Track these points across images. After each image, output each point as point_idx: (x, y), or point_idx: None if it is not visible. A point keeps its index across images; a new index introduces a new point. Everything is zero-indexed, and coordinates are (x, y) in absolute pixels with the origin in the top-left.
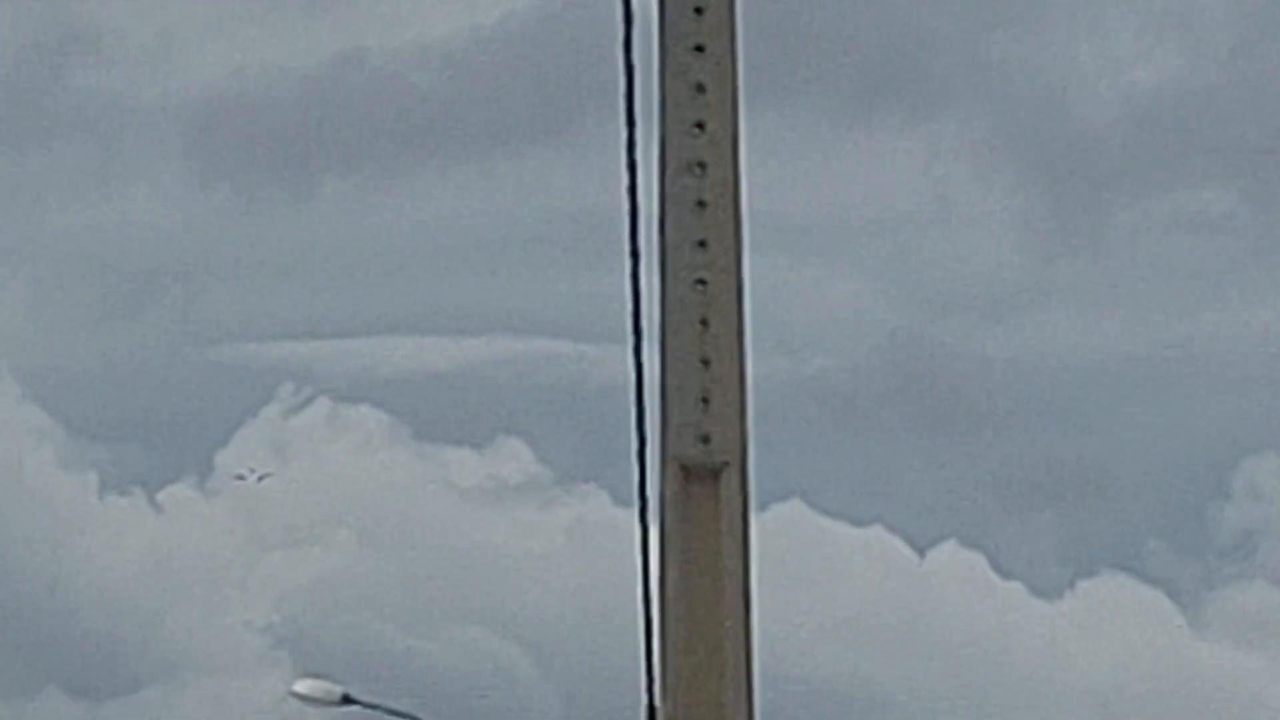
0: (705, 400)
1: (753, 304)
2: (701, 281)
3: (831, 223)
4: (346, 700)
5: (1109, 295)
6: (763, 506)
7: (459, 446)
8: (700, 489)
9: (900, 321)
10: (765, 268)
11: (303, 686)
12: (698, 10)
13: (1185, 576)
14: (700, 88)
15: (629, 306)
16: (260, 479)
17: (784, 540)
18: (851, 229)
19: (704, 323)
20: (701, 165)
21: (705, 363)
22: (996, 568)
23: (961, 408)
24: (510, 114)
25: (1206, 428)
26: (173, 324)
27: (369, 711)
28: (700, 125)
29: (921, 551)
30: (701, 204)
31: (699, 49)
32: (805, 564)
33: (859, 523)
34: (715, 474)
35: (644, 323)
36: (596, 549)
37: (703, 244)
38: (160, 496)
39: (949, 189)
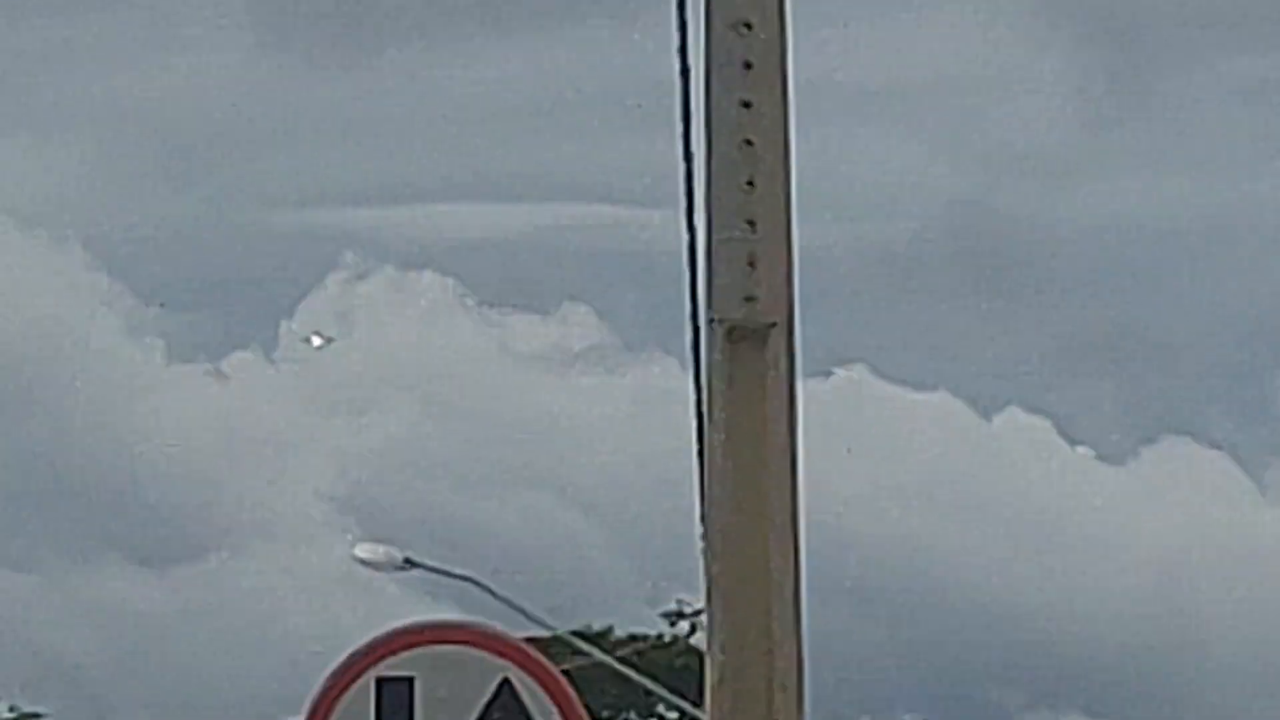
0: (751, 262)
1: (813, 171)
2: (748, 142)
3: (890, 88)
4: (408, 564)
5: (1170, 160)
6: (826, 373)
7: (524, 313)
8: (746, 350)
9: (961, 187)
10: (825, 134)
11: (364, 551)
12: None
13: (1250, 441)
14: None
15: (681, 169)
16: (321, 344)
17: (848, 406)
18: (910, 94)
19: (750, 184)
20: (747, 25)
21: (751, 224)
22: (1062, 433)
23: (1024, 273)
24: None
25: (1269, 292)
26: (237, 190)
27: (430, 575)
28: None
29: (986, 416)
30: (748, 65)
31: None
32: (870, 429)
33: (923, 388)
34: (761, 335)
35: (696, 185)
36: (662, 415)
37: (748, 105)
38: (225, 364)
39: (1006, 53)
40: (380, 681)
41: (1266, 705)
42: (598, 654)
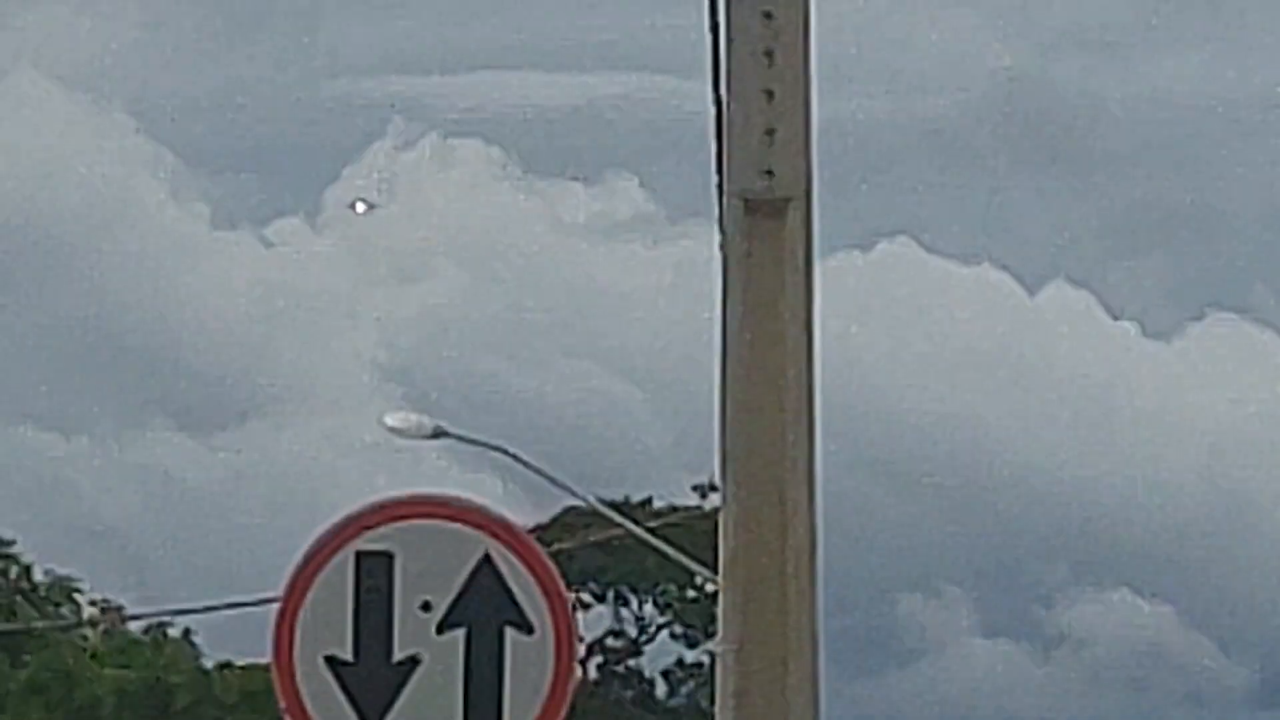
0: (769, 134)
1: (862, 44)
2: (767, 14)
3: None
4: (439, 434)
5: (1222, 37)
6: (870, 245)
7: (569, 182)
8: (763, 224)
9: (1011, 61)
10: (874, 6)
11: (394, 419)
12: None
13: None
14: None
15: (708, 40)
16: (365, 210)
17: (893, 277)
18: None
19: (769, 55)
20: None
21: (770, 95)
22: (1107, 308)
23: (1071, 148)
24: None
25: None
26: (284, 56)
27: (472, 445)
28: None
29: (1031, 290)
30: None
31: None
32: (914, 301)
33: (968, 261)
34: (779, 209)
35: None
36: (705, 285)
37: None
38: (269, 230)
39: None
40: (359, 555)
41: None
42: (628, 525)
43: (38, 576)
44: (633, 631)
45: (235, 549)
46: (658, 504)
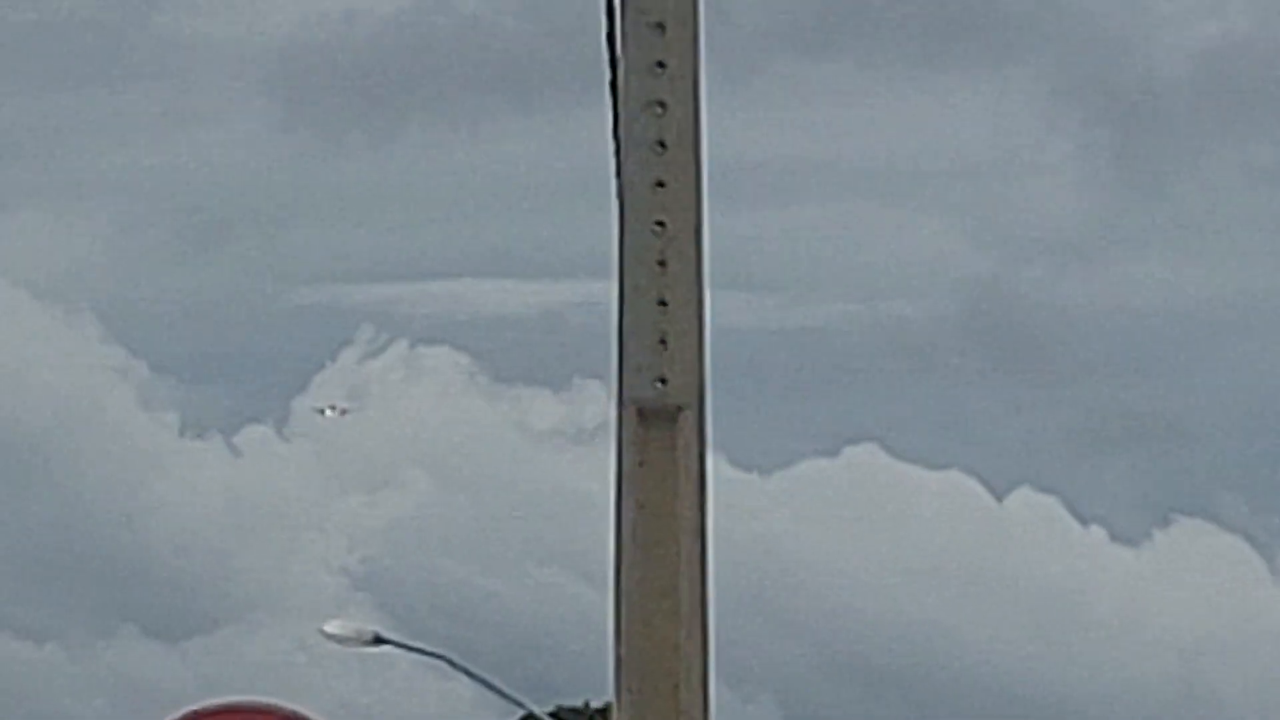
0: (663, 342)
1: (829, 251)
2: (660, 223)
3: (908, 168)
4: (378, 640)
5: (1186, 243)
6: (837, 450)
7: (537, 388)
8: (657, 432)
9: (977, 268)
10: (842, 213)
11: (333, 627)
12: None
13: (1265, 524)
14: (660, 26)
15: (615, 247)
16: (339, 413)
17: (859, 483)
18: (928, 175)
19: (662, 264)
20: (661, 104)
21: (663, 304)
22: (1075, 513)
23: (1038, 354)
24: (592, 53)
25: None
26: (254, 265)
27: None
28: (661, 64)
29: (999, 496)
30: (662, 144)
31: None
32: (881, 507)
33: (935, 466)
34: (672, 416)
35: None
36: None
37: (661, 184)
38: (238, 438)
39: (1023, 136)
40: None
41: None
42: None
43: None
44: None
45: None
46: None
